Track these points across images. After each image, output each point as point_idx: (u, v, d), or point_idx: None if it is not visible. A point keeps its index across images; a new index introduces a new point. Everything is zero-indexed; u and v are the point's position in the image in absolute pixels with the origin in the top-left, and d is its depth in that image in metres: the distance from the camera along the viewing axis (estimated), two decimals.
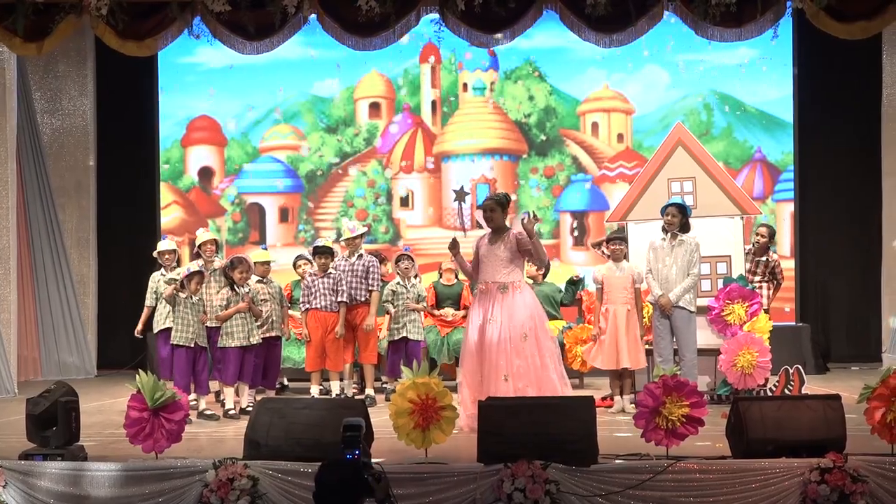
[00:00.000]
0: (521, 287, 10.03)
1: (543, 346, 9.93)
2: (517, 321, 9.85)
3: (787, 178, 15.80)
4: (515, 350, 9.76)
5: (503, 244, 10.04)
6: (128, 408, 8.21)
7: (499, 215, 10.11)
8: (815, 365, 14.48)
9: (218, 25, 13.12)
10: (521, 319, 9.87)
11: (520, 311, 9.89)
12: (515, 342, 9.80)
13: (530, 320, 9.91)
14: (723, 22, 13.09)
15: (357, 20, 13.11)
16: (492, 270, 10.06)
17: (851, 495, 7.46)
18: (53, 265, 15.09)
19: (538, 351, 9.85)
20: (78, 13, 12.84)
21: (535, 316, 9.98)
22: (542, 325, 10.07)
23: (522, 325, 9.86)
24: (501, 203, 10.19)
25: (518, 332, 9.82)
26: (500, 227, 10.11)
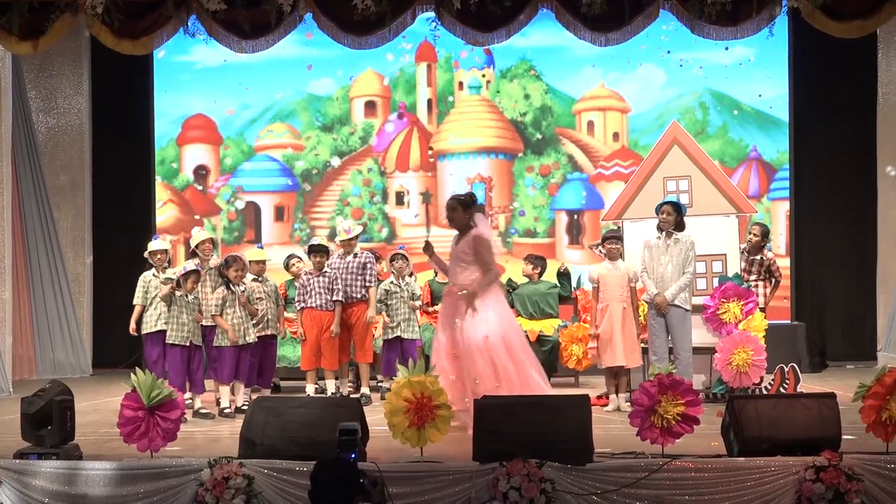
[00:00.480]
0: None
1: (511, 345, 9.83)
2: (477, 323, 9.81)
3: (783, 176, 15.81)
4: (479, 352, 9.72)
5: (464, 245, 10.00)
6: (122, 406, 8.19)
7: (460, 215, 10.01)
8: (810, 363, 14.49)
9: (213, 24, 13.11)
10: (481, 321, 9.82)
11: (480, 314, 9.84)
12: (477, 344, 9.76)
13: (490, 322, 9.82)
14: (718, 21, 13.10)
15: (353, 19, 13.12)
16: (455, 271, 10.04)
17: (846, 494, 7.47)
18: (48, 264, 15.07)
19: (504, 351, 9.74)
20: (73, 12, 12.84)
21: (497, 316, 9.90)
22: (509, 325, 10.00)
23: (482, 327, 9.82)
24: (463, 203, 10.09)
25: (480, 334, 9.79)
26: (463, 228, 10.03)
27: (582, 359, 12.76)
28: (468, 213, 10.04)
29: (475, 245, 9.90)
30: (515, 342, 9.90)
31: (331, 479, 5.68)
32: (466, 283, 9.86)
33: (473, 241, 9.91)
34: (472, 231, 9.95)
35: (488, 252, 9.94)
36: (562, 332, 13.09)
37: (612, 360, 11.21)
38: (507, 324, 9.96)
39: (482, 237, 9.94)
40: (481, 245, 9.91)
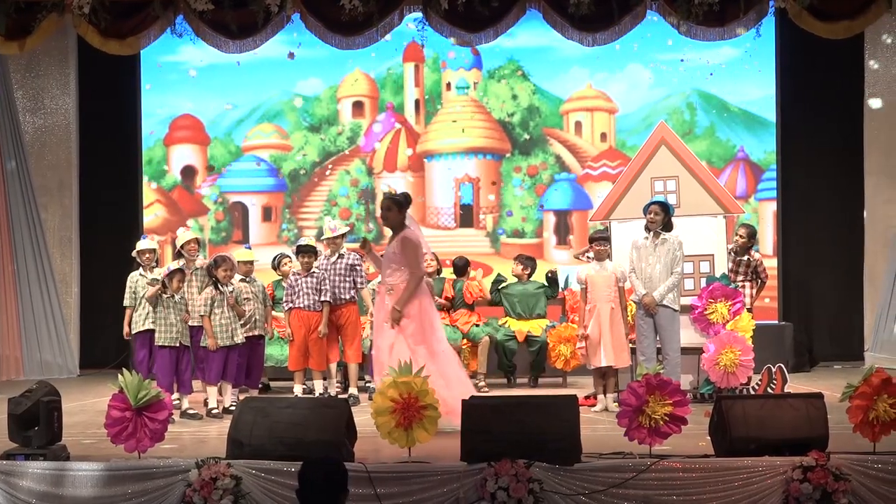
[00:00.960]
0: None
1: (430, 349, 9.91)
2: (402, 325, 9.87)
3: (770, 177, 15.82)
4: (400, 353, 9.73)
5: (395, 245, 10.06)
6: (109, 407, 8.18)
7: (394, 214, 10.08)
8: (797, 363, 14.53)
9: (201, 24, 13.13)
10: (405, 322, 9.88)
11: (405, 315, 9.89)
12: (399, 346, 9.80)
13: (412, 322, 9.89)
14: (705, 21, 13.15)
15: (340, 19, 13.14)
16: (385, 271, 10.11)
17: (834, 493, 7.49)
18: (35, 264, 15.03)
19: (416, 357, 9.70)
20: (60, 12, 12.84)
21: (418, 317, 9.95)
22: (430, 328, 10.04)
23: (404, 328, 9.86)
24: (398, 202, 10.16)
25: (402, 334, 9.81)
26: (396, 227, 10.07)
27: (570, 359, 12.78)
28: (402, 213, 10.13)
29: (402, 246, 10.00)
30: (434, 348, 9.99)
31: (318, 478, 5.67)
32: (394, 284, 9.96)
33: (401, 243, 10.00)
34: (402, 232, 10.00)
35: (414, 254, 10.03)
36: (550, 332, 13.10)
37: (600, 361, 11.22)
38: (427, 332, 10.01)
39: (410, 239, 10.01)
40: (408, 247, 9.99)
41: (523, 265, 13.54)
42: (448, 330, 12.94)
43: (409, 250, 9.97)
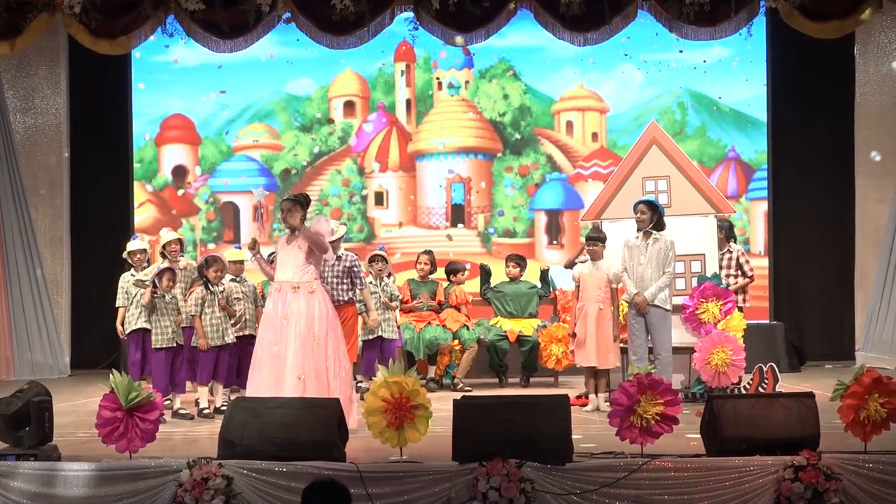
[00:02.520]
0: (314, 288, 10.00)
1: (332, 348, 9.92)
2: (308, 322, 9.86)
3: (761, 176, 15.85)
4: (305, 353, 9.75)
5: (297, 244, 10.04)
6: (99, 408, 8.17)
7: (296, 215, 10.08)
8: (788, 363, 14.54)
9: (191, 24, 13.12)
10: (313, 320, 9.87)
11: (312, 312, 9.89)
12: (308, 343, 9.80)
13: (321, 322, 9.90)
14: (697, 21, 13.18)
15: (331, 19, 13.14)
16: (286, 270, 10.06)
17: (825, 493, 7.49)
18: (26, 264, 15.00)
19: (326, 353, 9.84)
20: (51, 11, 12.83)
21: (326, 317, 9.97)
22: (333, 328, 10.05)
23: (312, 326, 9.86)
24: (299, 202, 10.18)
25: (308, 332, 9.82)
26: (296, 227, 10.07)
27: (561, 359, 12.79)
28: (304, 213, 10.15)
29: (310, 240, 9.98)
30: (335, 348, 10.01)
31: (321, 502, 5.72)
32: (301, 283, 9.96)
33: (307, 237, 10.00)
34: (305, 231, 10.01)
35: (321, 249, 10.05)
36: (541, 331, 13.11)
37: (584, 360, 11.23)
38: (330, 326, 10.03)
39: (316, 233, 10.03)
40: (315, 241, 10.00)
41: (517, 265, 13.54)
42: (438, 330, 12.98)
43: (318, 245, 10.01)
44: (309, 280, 9.98)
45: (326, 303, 10.08)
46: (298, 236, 10.03)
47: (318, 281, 10.10)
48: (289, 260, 10.06)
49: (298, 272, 10.00)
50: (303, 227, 10.04)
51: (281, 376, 9.75)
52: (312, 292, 9.96)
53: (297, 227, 10.04)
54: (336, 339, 10.04)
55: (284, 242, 10.18)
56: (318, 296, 9.98)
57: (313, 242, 9.99)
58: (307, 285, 9.96)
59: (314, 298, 9.95)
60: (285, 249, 10.12)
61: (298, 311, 9.90)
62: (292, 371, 9.66)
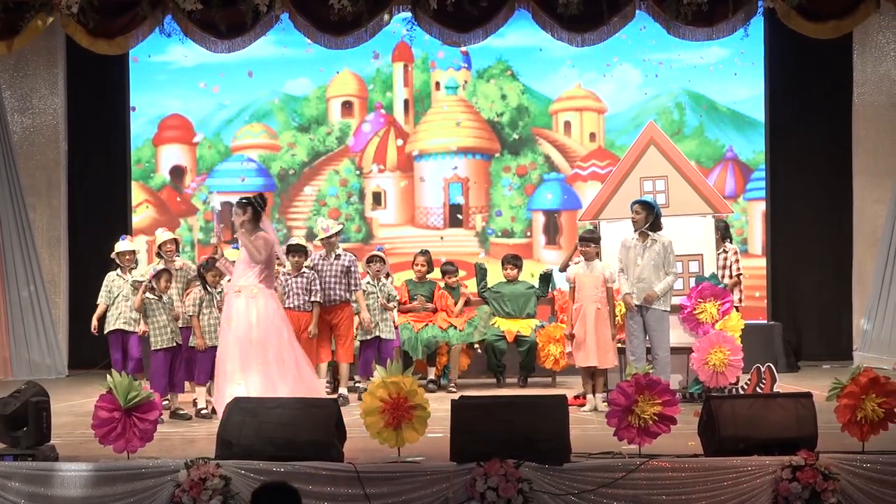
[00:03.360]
0: (256, 293, 9.98)
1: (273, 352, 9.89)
2: (246, 327, 9.86)
3: (759, 176, 15.84)
4: (243, 356, 9.74)
5: (244, 247, 10.07)
6: (96, 408, 8.17)
7: (239, 218, 10.09)
8: (786, 363, 14.54)
9: (189, 24, 13.13)
10: (251, 326, 9.86)
11: (250, 317, 9.88)
12: (245, 349, 9.78)
13: (259, 327, 9.87)
14: (694, 21, 13.18)
15: (329, 19, 13.14)
16: (235, 273, 10.12)
17: (823, 493, 7.50)
18: (24, 264, 14.99)
19: (266, 358, 9.81)
20: (49, 11, 12.83)
21: (267, 321, 9.94)
22: (277, 331, 10.01)
23: (250, 332, 9.84)
24: (246, 205, 10.18)
25: (246, 338, 9.81)
26: (252, 229, 10.06)
27: (559, 359, 12.78)
28: (249, 216, 10.14)
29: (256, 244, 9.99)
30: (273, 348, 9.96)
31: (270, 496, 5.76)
32: (243, 286, 9.96)
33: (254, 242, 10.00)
34: (258, 232, 9.99)
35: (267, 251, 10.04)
36: (539, 332, 13.11)
37: (584, 360, 11.23)
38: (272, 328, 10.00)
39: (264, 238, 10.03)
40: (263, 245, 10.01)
41: (514, 266, 13.53)
42: (436, 330, 12.98)
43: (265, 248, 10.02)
44: (251, 284, 9.93)
45: (268, 306, 10.00)
46: (250, 237, 10.01)
47: (263, 284, 10.04)
48: (238, 263, 10.08)
49: (241, 275, 10.03)
50: (239, 230, 10.02)
51: (223, 383, 9.76)
52: (254, 296, 9.92)
53: (252, 228, 10.02)
54: (280, 343, 9.96)
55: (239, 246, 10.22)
56: (259, 299, 9.93)
57: (245, 247, 9.97)
58: (248, 289, 9.94)
59: (255, 302, 9.91)
60: (238, 253, 10.14)
61: (237, 315, 9.91)
62: (232, 377, 9.61)
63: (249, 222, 10.07)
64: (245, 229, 10.07)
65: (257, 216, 10.17)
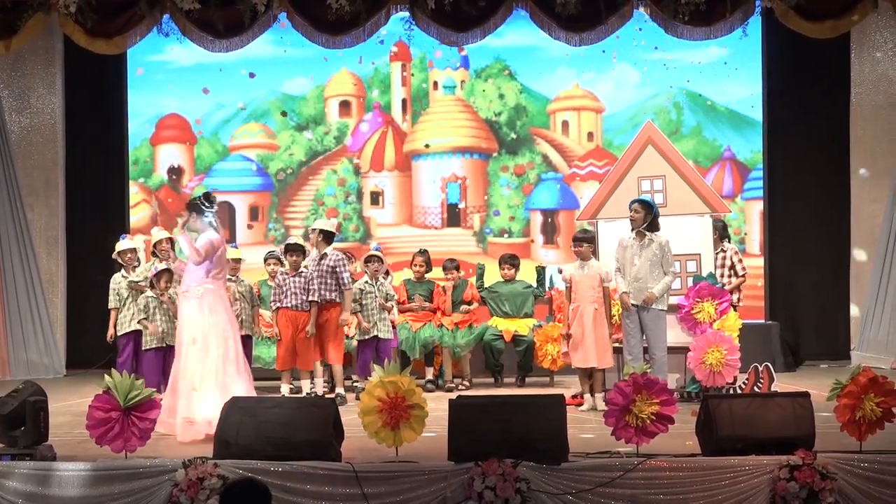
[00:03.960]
0: (202, 292, 9.91)
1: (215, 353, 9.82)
2: (191, 328, 9.83)
3: (757, 176, 15.84)
4: (189, 358, 9.73)
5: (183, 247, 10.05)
6: (91, 408, 8.18)
7: (193, 217, 10.06)
8: (784, 362, 14.53)
9: (187, 23, 13.12)
10: (193, 324, 9.82)
11: (194, 318, 9.83)
12: (190, 350, 9.77)
13: (204, 327, 9.82)
14: (692, 21, 13.18)
15: (327, 18, 13.13)
16: (185, 274, 10.09)
17: (820, 492, 7.51)
18: (22, 264, 14.99)
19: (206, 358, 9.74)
20: (46, 11, 12.82)
21: (212, 322, 9.88)
22: (217, 329, 9.90)
23: (192, 330, 9.81)
24: (190, 205, 10.15)
25: (190, 339, 9.79)
26: (199, 230, 10.04)
27: (557, 359, 12.78)
28: (192, 216, 10.09)
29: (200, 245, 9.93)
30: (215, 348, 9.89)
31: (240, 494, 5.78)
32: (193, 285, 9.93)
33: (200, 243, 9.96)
34: (203, 233, 9.99)
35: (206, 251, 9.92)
36: (537, 331, 13.10)
37: (582, 361, 11.22)
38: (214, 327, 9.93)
39: (208, 240, 9.95)
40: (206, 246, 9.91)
41: (511, 266, 13.52)
42: (434, 329, 12.99)
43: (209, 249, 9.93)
44: (198, 284, 9.90)
45: (215, 307, 9.92)
46: (198, 238, 9.99)
47: (212, 284, 9.96)
48: (189, 263, 10.05)
49: (188, 276, 10.00)
50: (182, 230, 10.02)
51: (176, 385, 9.76)
52: (200, 296, 9.90)
53: (197, 229, 10.01)
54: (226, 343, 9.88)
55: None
56: (205, 300, 9.88)
57: (184, 247, 9.97)
58: (195, 290, 9.90)
59: (200, 303, 9.86)
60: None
61: (185, 316, 9.90)
62: (186, 381, 9.60)
63: (198, 222, 10.04)
64: (197, 230, 10.05)
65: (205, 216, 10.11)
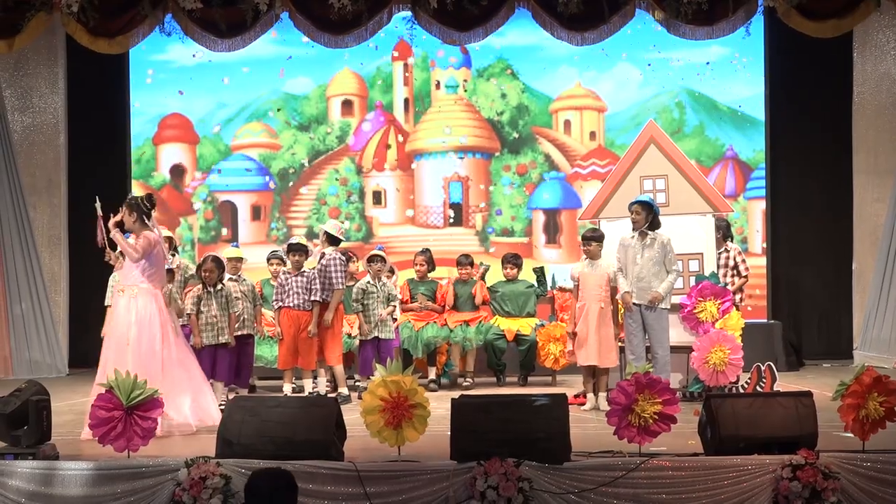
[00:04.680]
0: (137, 292, 9.92)
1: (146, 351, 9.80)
2: (125, 326, 9.82)
3: (759, 175, 15.85)
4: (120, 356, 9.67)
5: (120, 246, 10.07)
6: (93, 408, 8.18)
7: (133, 219, 10.07)
8: (786, 362, 14.53)
9: (189, 23, 13.12)
10: (129, 325, 9.81)
11: (129, 316, 9.83)
12: (121, 348, 9.75)
13: (138, 325, 9.80)
14: (694, 20, 13.17)
15: (329, 18, 13.13)
16: (122, 272, 10.11)
17: (823, 492, 7.50)
18: (24, 263, 14.99)
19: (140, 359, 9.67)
20: (49, 10, 12.82)
21: (145, 321, 9.86)
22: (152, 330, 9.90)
23: (128, 331, 9.79)
24: (130, 205, 10.15)
25: (123, 338, 9.78)
26: (136, 230, 10.05)
27: (559, 358, 12.79)
28: (135, 216, 10.10)
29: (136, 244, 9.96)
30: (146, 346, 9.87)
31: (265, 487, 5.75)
32: (127, 285, 9.95)
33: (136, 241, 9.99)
34: (143, 232, 10.00)
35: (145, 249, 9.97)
36: (539, 331, 13.10)
37: (586, 359, 11.21)
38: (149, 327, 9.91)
39: (146, 237, 9.98)
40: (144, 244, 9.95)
41: (513, 265, 13.52)
42: (436, 329, 12.98)
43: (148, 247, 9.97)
44: (133, 283, 9.91)
45: (149, 307, 9.90)
46: (139, 237, 10.00)
47: (148, 283, 9.97)
48: (126, 261, 10.06)
49: (125, 274, 10.02)
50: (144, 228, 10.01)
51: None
52: (135, 296, 9.90)
53: (134, 229, 10.03)
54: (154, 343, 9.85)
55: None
56: (139, 299, 9.88)
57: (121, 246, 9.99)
58: (131, 288, 9.90)
59: (135, 301, 9.86)
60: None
61: (118, 314, 9.90)
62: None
63: (136, 223, 10.05)
64: (132, 229, 10.06)
65: (144, 217, 10.12)
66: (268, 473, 6.14)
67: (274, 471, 6.23)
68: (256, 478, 6.02)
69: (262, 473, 6.12)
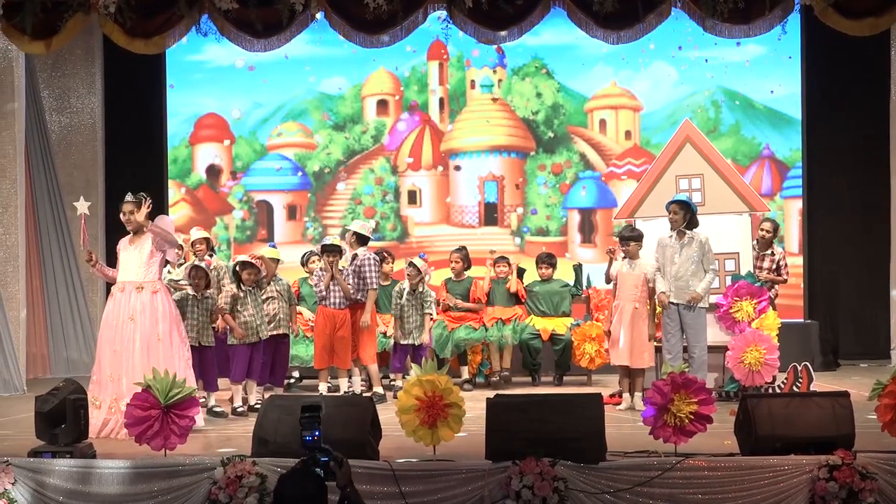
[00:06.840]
0: (158, 288, 10.04)
1: (176, 346, 9.97)
2: (153, 322, 9.89)
3: (796, 174, 15.79)
4: (152, 352, 9.77)
5: (140, 244, 10.10)
6: (129, 406, 8.24)
7: (139, 213, 10.10)
8: (823, 362, 14.46)
9: (225, 23, 13.12)
10: (157, 320, 9.90)
11: (156, 312, 9.92)
12: (152, 343, 9.81)
13: (164, 321, 9.92)
14: (731, 18, 13.08)
15: (364, 18, 13.12)
16: (129, 271, 10.11)
17: (860, 492, 7.47)
18: (62, 262, 15.09)
19: (171, 353, 9.86)
20: (86, 11, 12.85)
21: (170, 316, 10.00)
22: (178, 327, 10.10)
23: (156, 326, 9.88)
24: (139, 202, 10.19)
25: (153, 332, 9.85)
26: (139, 228, 10.11)
27: (594, 357, 12.78)
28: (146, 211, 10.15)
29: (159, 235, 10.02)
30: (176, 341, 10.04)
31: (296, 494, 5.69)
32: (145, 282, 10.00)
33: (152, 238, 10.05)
34: (152, 226, 10.06)
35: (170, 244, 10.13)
36: (574, 330, 13.09)
37: (617, 359, 11.21)
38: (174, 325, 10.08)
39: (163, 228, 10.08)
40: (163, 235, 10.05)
41: (548, 265, 13.51)
42: (469, 330, 12.96)
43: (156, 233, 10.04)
44: (152, 279, 10.02)
45: (169, 301, 10.13)
46: (142, 235, 10.07)
47: (161, 280, 10.17)
48: (131, 260, 10.12)
49: (142, 272, 10.05)
50: (148, 223, 10.07)
51: (119, 377, 9.78)
52: (156, 292, 10.00)
53: (144, 223, 10.07)
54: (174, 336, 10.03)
55: (127, 243, 10.26)
56: (161, 295, 10.03)
57: (162, 237, 10.03)
58: (151, 285, 9.99)
59: (157, 298, 9.99)
60: (127, 250, 10.20)
61: (143, 310, 9.94)
62: (138, 373, 9.55)
63: (146, 217, 10.14)
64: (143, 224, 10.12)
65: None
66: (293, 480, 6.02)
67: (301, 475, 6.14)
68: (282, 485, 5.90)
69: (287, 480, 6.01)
